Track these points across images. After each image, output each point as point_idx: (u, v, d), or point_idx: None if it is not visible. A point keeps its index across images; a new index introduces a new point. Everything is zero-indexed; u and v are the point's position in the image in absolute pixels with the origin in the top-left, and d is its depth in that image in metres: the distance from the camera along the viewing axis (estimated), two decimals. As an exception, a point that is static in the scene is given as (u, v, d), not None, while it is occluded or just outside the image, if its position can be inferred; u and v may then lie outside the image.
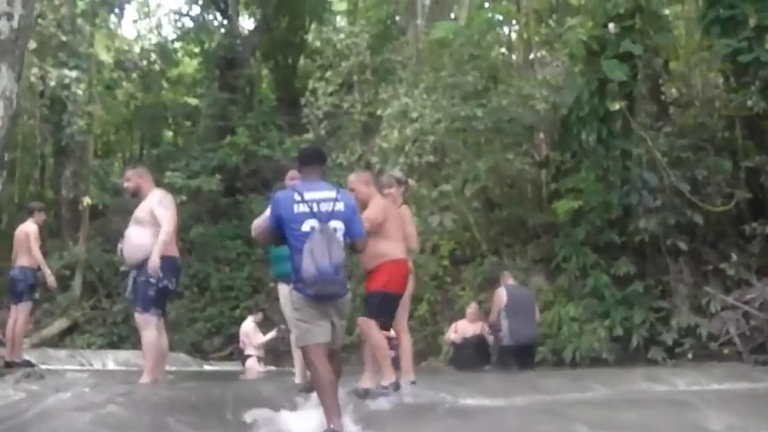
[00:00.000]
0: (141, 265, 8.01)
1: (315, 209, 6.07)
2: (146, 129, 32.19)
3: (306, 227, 6.00)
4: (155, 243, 7.99)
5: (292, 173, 8.01)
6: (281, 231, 6.18)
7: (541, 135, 18.17)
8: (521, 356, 12.24)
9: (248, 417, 6.61)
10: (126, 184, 8.54)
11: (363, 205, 7.50)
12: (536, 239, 16.79)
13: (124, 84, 31.34)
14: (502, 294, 12.46)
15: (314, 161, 6.54)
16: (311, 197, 6.11)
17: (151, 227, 8.09)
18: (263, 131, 26.23)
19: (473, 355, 13.12)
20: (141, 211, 8.24)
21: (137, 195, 8.42)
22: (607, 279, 14.29)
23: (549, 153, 17.48)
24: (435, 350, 15.97)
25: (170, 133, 33.50)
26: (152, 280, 7.96)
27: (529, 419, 6.42)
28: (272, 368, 15.08)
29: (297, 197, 6.12)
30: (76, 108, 23.31)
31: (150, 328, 8.11)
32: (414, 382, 7.93)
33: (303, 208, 6.06)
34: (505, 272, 13.56)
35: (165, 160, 26.42)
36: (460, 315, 14.59)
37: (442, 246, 17.41)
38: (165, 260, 8.05)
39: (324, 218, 6.04)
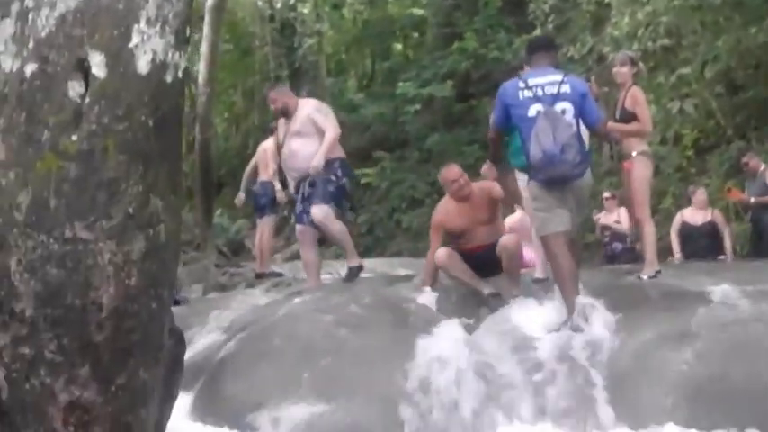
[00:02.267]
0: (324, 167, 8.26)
1: (539, 93, 5.99)
2: (375, 44, 32.50)
3: (532, 111, 5.96)
4: None
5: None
6: (508, 122, 6.15)
7: (786, 6, 16.84)
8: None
9: (488, 311, 6.66)
10: (272, 106, 8.80)
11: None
12: (787, 120, 15.69)
13: (349, 1, 31.83)
14: None
15: (539, 49, 6.50)
16: (535, 82, 6.07)
17: (315, 135, 8.33)
18: (490, 34, 25.84)
19: (704, 245, 12.13)
20: (299, 123, 8.50)
21: (286, 113, 8.68)
22: None
23: (796, 24, 16.20)
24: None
25: (399, 46, 33.75)
26: (332, 177, 8.25)
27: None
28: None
29: (521, 84, 6.07)
30: (305, 29, 24.02)
31: (332, 220, 8.43)
32: (659, 271, 7.72)
33: (528, 93, 6.03)
34: (750, 153, 12.80)
35: (396, 72, 26.69)
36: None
37: (684, 136, 16.62)
38: (340, 161, 8.44)
39: (548, 100, 5.96)
